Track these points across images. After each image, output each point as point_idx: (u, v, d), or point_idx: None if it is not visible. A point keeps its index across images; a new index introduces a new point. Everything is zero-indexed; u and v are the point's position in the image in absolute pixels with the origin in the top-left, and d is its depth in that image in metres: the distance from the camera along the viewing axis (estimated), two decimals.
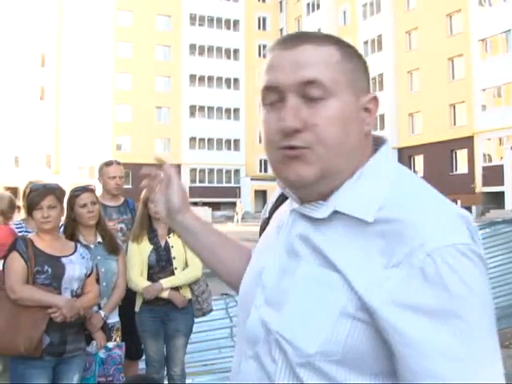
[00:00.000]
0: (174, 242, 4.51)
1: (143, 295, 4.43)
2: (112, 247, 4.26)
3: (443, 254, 0.94)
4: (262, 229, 1.40)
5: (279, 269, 1.14)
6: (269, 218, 1.39)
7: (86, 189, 4.22)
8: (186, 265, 4.55)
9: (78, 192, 4.15)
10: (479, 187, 36.90)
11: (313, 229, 1.11)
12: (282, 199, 1.36)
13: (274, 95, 1.11)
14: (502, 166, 34.64)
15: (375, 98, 1.15)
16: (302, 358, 1.02)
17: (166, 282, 4.42)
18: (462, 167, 39.20)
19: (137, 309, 4.51)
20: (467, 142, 37.89)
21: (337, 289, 1.01)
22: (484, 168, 37.14)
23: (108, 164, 5.01)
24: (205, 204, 46.41)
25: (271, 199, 1.45)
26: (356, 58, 1.15)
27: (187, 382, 4.85)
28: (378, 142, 1.19)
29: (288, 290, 1.09)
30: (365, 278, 0.98)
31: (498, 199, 34.88)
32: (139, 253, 4.45)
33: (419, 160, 41.97)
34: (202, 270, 4.65)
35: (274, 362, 1.07)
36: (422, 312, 0.93)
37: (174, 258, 4.50)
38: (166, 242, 4.53)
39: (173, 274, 4.50)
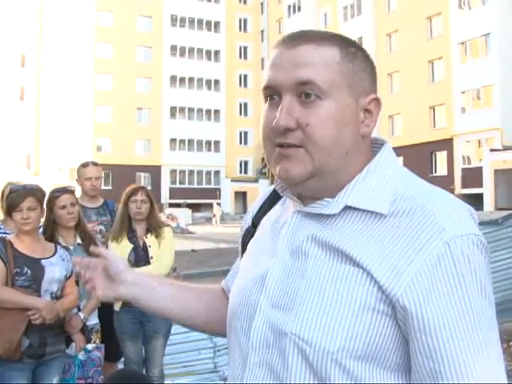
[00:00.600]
0: (152, 242, 4.55)
1: None
2: None
3: (459, 242, 0.99)
4: (247, 237, 1.38)
5: (284, 271, 1.13)
6: (253, 226, 1.38)
7: (66, 190, 4.19)
8: None
9: (57, 193, 4.12)
10: (458, 189, 37.22)
11: (322, 226, 1.12)
12: (266, 207, 1.36)
13: (272, 92, 1.14)
14: (480, 168, 34.99)
15: (376, 100, 1.15)
16: (324, 356, 1.02)
17: None
18: (441, 169, 39.53)
19: (116, 308, 4.49)
20: (447, 144, 38.22)
21: (355, 283, 1.03)
22: (463, 170, 37.49)
23: (84, 165, 5.00)
24: (188, 205, 46.36)
25: (252, 209, 1.45)
26: (359, 58, 1.15)
27: (166, 383, 4.84)
28: (378, 143, 1.21)
29: (298, 290, 1.09)
30: (385, 268, 1.01)
31: (477, 201, 35.19)
32: (119, 252, 4.45)
33: (399, 162, 42.21)
34: (180, 273, 4.66)
35: (287, 365, 1.06)
36: (439, 298, 0.97)
37: (152, 257, 4.51)
38: (144, 242, 4.54)
39: None
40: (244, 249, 1.37)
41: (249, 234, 1.38)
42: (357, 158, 1.14)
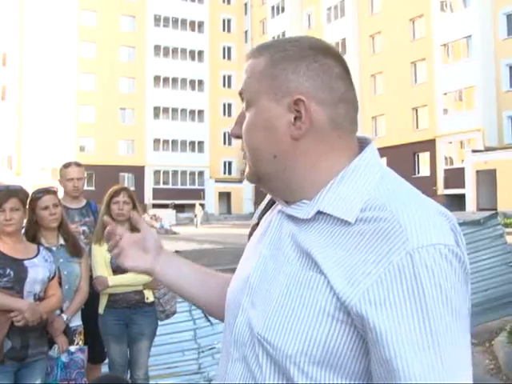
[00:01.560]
0: None
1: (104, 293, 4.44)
2: (75, 250, 4.22)
3: (423, 253, 0.94)
4: (251, 235, 1.41)
5: (263, 270, 1.15)
6: (257, 224, 1.40)
7: (48, 191, 4.16)
8: None
9: (39, 194, 4.09)
10: (441, 189, 37.52)
11: (298, 229, 1.12)
12: (270, 204, 1.39)
13: None
14: (462, 169, 35.29)
15: (300, 100, 1.11)
16: (284, 358, 1.03)
17: (113, 280, 4.40)
18: (424, 170, 39.80)
19: (100, 311, 4.47)
20: (429, 145, 38.50)
21: (317, 289, 1.02)
22: (445, 171, 37.79)
23: (66, 166, 4.97)
24: (176, 206, 46.22)
25: (261, 206, 1.48)
26: (287, 61, 1.13)
27: None
28: (366, 143, 1.19)
29: (271, 291, 1.10)
30: (343, 277, 0.99)
31: (459, 201, 35.49)
32: (102, 254, 4.43)
33: (382, 162, 42.42)
34: None
35: (259, 364, 1.08)
36: (395, 310, 0.94)
37: None
38: None
39: None
40: None
41: (253, 231, 1.42)
42: (301, 160, 1.13)
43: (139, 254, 1.46)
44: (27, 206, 3.91)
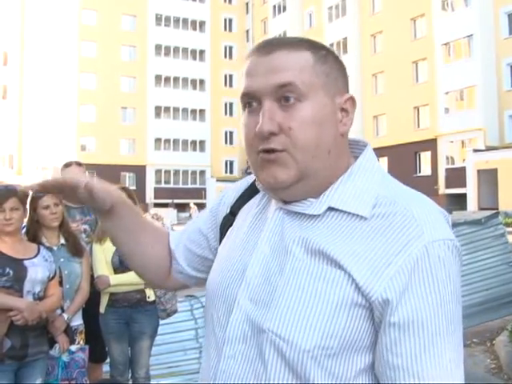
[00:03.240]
0: None
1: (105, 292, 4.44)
2: (76, 249, 4.21)
3: (436, 247, 1.03)
4: (225, 226, 1.38)
5: (264, 266, 1.15)
6: (232, 215, 1.38)
7: None
8: None
9: (40, 193, 4.09)
10: (442, 189, 37.49)
11: (304, 225, 1.14)
12: (246, 197, 1.37)
13: (251, 100, 1.16)
14: (464, 168, 35.26)
15: (351, 98, 1.19)
16: (300, 354, 1.04)
17: (114, 279, 4.40)
18: (425, 169, 39.79)
19: (101, 310, 4.47)
20: (430, 145, 38.47)
21: (333, 282, 1.05)
22: (447, 170, 37.76)
23: (67, 165, 4.96)
24: (177, 205, 46.15)
25: (228, 194, 1.44)
26: (331, 59, 1.18)
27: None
28: (359, 145, 1.24)
29: (277, 286, 1.10)
30: (364, 269, 1.03)
31: (460, 201, 35.48)
32: (103, 253, 4.43)
33: (383, 162, 42.41)
34: None
35: (264, 360, 1.08)
36: (413, 296, 1.01)
37: None
38: None
39: None
40: (222, 236, 1.38)
41: (228, 222, 1.38)
42: (339, 158, 1.17)
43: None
44: (28, 206, 3.91)
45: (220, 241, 1.39)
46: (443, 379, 1.00)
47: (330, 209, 1.12)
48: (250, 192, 1.36)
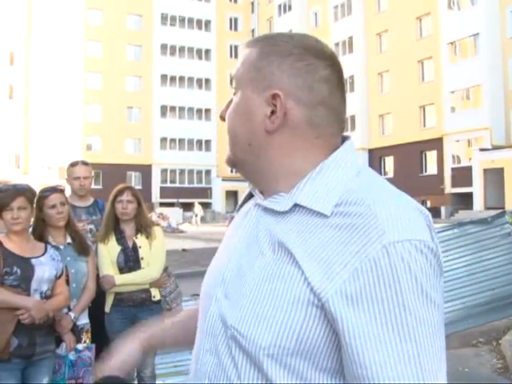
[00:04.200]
0: (142, 242, 4.52)
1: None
2: (82, 248, 4.22)
3: (399, 247, 0.95)
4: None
5: (238, 262, 1.16)
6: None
7: (56, 189, 4.18)
8: None
9: (47, 193, 4.10)
10: (448, 188, 37.41)
11: (274, 221, 1.13)
12: (247, 197, 1.38)
13: None
14: (470, 168, 35.19)
15: (277, 96, 1.13)
16: (257, 350, 1.03)
17: (119, 279, 4.41)
18: (431, 168, 39.70)
19: (107, 310, 4.48)
20: (436, 144, 38.39)
21: (290, 281, 1.03)
22: (453, 169, 37.67)
23: (73, 164, 4.97)
24: (183, 204, 46.15)
25: (245, 193, 1.47)
26: (277, 55, 1.15)
27: (157, 383, 4.83)
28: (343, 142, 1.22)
29: (245, 283, 1.10)
30: (318, 270, 0.99)
31: (466, 200, 35.40)
32: (108, 253, 4.45)
33: (389, 161, 42.37)
34: (172, 272, 4.69)
35: (232, 356, 1.08)
36: (369, 303, 0.94)
37: (142, 258, 4.49)
38: (134, 243, 4.52)
39: None
40: None
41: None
42: (275, 153, 1.16)
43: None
44: (34, 205, 3.92)
45: None
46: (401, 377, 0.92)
47: (298, 205, 1.11)
48: (251, 192, 1.38)
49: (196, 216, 41.78)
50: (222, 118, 1.25)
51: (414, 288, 0.95)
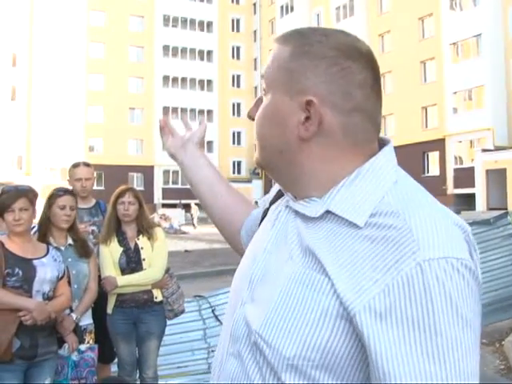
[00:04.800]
0: (144, 243, 4.52)
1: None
2: (83, 251, 4.22)
3: (434, 265, 0.90)
4: (262, 219, 1.37)
5: (266, 266, 1.12)
6: (269, 209, 1.36)
7: (70, 192, 4.25)
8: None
9: (60, 192, 4.15)
10: (451, 189, 37.38)
11: (305, 226, 1.08)
12: (280, 193, 1.33)
13: None
14: (472, 168, 35.15)
15: (312, 102, 1.07)
16: (281, 360, 0.99)
17: (121, 280, 4.41)
18: (433, 169, 39.67)
19: (109, 311, 4.48)
20: (439, 145, 38.37)
21: (319, 291, 0.98)
22: (455, 170, 37.64)
23: (75, 166, 4.98)
24: (185, 205, 46.07)
25: (273, 189, 1.44)
26: (311, 57, 1.09)
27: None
28: (384, 144, 1.15)
29: (272, 288, 1.06)
30: (349, 283, 0.95)
31: (469, 201, 35.37)
32: (110, 254, 4.45)
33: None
34: (174, 273, 4.70)
35: (256, 362, 1.05)
36: (398, 321, 0.90)
37: (144, 259, 4.50)
38: (136, 244, 4.52)
39: None
40: None
41: (264, 215, 1.36)
42: (308, 161, 1.10)
43: (177, 142, 1.79)
44: (44, 202, 4.00)
45: None
46: None
47: (329, 212, 1.05)
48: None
49: (192, 217, 40.97)
50: (251, 118, 1.20)
51: (448, 309, 0.89)
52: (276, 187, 1.40)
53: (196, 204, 41.88)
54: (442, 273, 0.90)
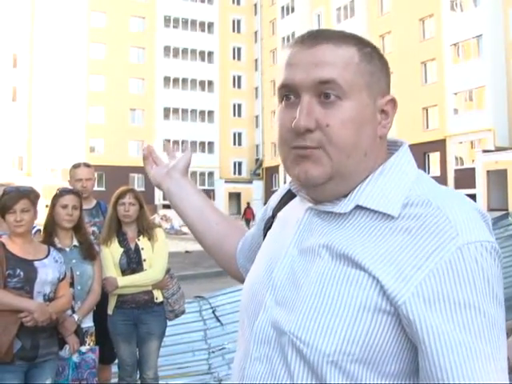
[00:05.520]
0: (144, 244, 4.53)
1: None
2: (88, 254, 4.22)
3: (472, 249, 0.96)
4: (267, 228, 1.38)
5: (291, 268, 1.13)
6: (273, 217, 1.37)
7: (73, 192, 4.24)
8: None
9: (63, 192, 4.15)
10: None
11: (332, 225, 1.11)
12: (286, 198, 1.35)
13: (289, 93, 1.12)
14: (473, 169, 35.11)
15: (393, 100, 1.15)
16: (320, 357, 1.01)
17: (122, 280, 4.41)
18: (434, 170, 39.61)
19: (109, 312, 4.48)
20: (439, 145, 38.33)
21: (356, 285, 1.01)
22: (456, 171, 37.60)
23: (76, 166, 4.99)
24: None
25: (272, 199, 1.45)
26: (376, 58, 1.14)
27: None
28: (397, 145, 1.20)
29: (302, 289, 1.08)
30: (392, 272, 0.99)
31: None
32: (111, 255, 4.45)
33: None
34: (174, 274, 4.71)
35: (287, 364, 1.06)
36: (446, 304, 0.95)
37: (145, 260, 4.50)
38: (136, 245, 4.52)
39: None
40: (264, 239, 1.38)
41: (269, 225, 1.37)
42: (375, 160, 1.13)
43: (161, 170, 1.68)
44: (50, 202, 4.04)
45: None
46: (485, 377, 0.94)
47: (359, 207, 1.09)
48: (291, 195, 1.34)
49: None
50: (307, 129, 1.07)
51: (487, 289, 0.96)
52: (277, 195, 1.42)
53: None
54: (479, 256, 0.97)
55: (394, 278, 0.98)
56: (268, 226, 1.37)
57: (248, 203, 40.46)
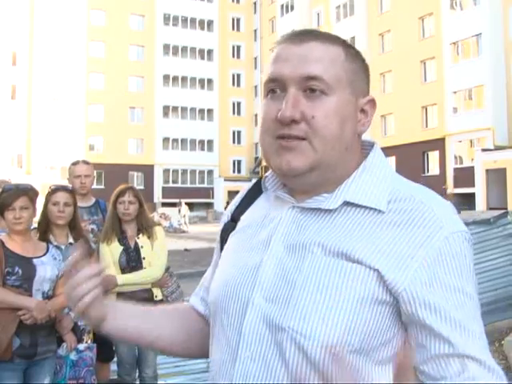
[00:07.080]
0: (144, 242, 4.54)
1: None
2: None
3: (456, 238, 1.07)
4: (226, 232, 1.36)
5: (279, 266, 1.14)
6: (233, 221, 1.36)
7: (65, 189, 4.24)
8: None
9: (55, 189, 4.17)
10: (451, 188, 37.34)
11: (321, 222, 1.14)
12: (246, 202, 1.37)
13: (276, 86, 1.16)
14: (472, 168, 35.11)
15: (373, 101, 1.21)
16: (322, 349, 1.03)
17: (121, 279, 4.41)
18: (433, 169, 39.64)
19: None
20: (439, 144, 38.33)
21: (353, 278, 1.06)
22: (455, 170, 37.61)
23: (74, 163, 5.02)
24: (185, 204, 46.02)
25: (230, 207, 1.44)
26: (359, 60, 1.20)
27: (159, 383, 4.83)
28: (367, 144, 1.25)
29: (296, 284, 1.09)
30: (390, 263, 1.06)
31: (468, 201, 35.33)
32: (110, 253, 4.45)
33: (391, 161, 42.27)
34: (174, 272, 4.71)
35: (284, 360, 1.07)
36: (444, 286, 1.04)
37: (144, 258, 4.51)
38: (136, 243, 4.53)
39: None
40: (223, 244, 1.36)
41: (228, 229, 1.36)
42: (353, 156, 1.18)
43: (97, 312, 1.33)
44: (44, 199, 4.04)
45: (221, 250, 1.36)
46: (480, 352, 1.03)
47: (346, 203, 1.13)
48: (250, 197, 1.36)
49: (184, 217, 39.23)
50: (292, 119, 1.11)
51: (469, 274, 1.08)
52: (236, 200, 1.41)
53: (186, 203, 41.12)
54: (461, 243, 1.08)
55: (393, 269, 1.05)
56: (228, 230, 1.36)
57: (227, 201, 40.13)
